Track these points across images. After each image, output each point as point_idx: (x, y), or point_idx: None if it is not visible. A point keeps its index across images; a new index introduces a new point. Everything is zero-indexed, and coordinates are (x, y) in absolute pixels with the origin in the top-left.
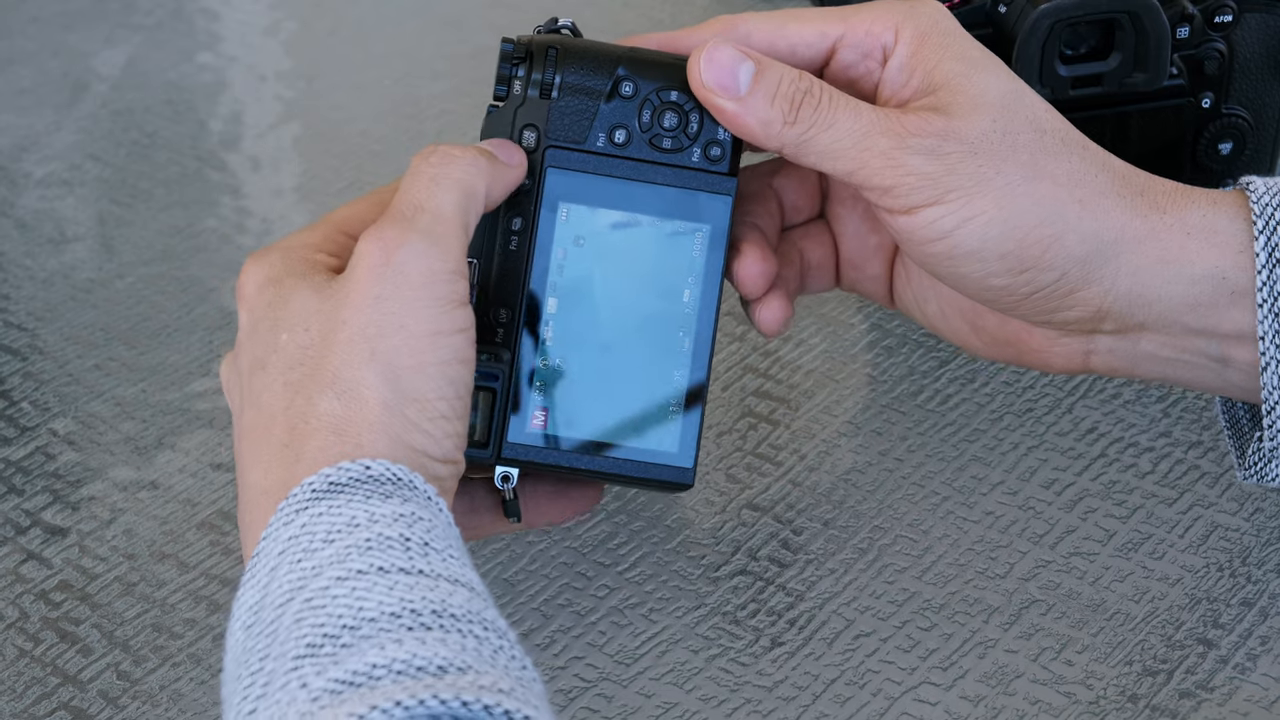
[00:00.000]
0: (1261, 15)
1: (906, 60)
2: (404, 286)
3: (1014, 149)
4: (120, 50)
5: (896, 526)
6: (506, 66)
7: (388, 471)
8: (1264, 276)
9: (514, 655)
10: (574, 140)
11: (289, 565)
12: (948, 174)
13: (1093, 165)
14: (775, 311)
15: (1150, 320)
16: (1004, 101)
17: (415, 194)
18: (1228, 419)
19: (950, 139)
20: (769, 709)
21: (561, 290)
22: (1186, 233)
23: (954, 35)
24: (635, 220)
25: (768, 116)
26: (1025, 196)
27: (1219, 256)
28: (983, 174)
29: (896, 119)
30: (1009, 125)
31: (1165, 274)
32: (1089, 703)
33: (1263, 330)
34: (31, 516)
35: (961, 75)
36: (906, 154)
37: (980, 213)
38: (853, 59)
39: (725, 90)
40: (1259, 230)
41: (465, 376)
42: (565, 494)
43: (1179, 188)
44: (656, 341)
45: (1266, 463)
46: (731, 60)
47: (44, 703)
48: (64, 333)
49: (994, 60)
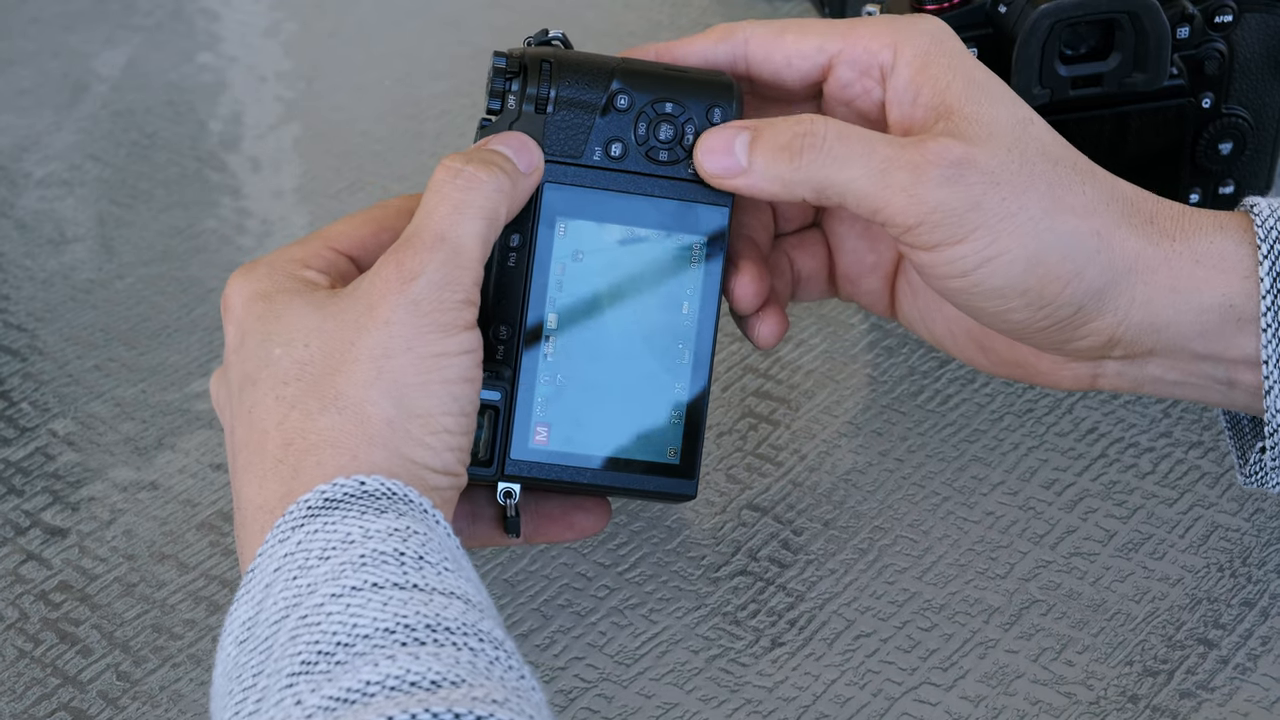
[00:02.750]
0: (1261, 15)
1: (910, 80)
2: (415, 313)
3: (1032, 180)
4: (120, 51)
5: (897, 527)
6: (500, 81)
7: (382, 487)
8: (1268, 301)
9: (511, 666)
10: (570, 155)
11: (284, 582)
12: (971, 210)
13: (1104, 194)
14: (771, 326)
15: (1159, 346)
16: (1016, 131)
17: (438, 221)
18: (1229, 422)
19: (971, 168)
20: (769, 709)
21: (561, 306)
22: (1195, 260)
23: (958, 56)
24: (633, 234)
25: (776, 173)
26: (1048, 232)
27: (1227, 284)
28: (1006, 209)
29: (914, 149)
30: (1024, 154)
31: (1175, 302)
32: (1089, 703)
33: (1266, 354)
34: (31, 517)
35: (973, 101)
36: (928, 188)
37: (1004, 251)
38: (850, 76)
39: (731, 171)
40: (1264, 255)
41: (470, 394)
42: (569, 516)
43: (1184, 212)
44: (656, 354)
45: (1267, 473)
46: (725, 141)
47: (44, 703)
48: (64, 333)
49: (1000, 84)
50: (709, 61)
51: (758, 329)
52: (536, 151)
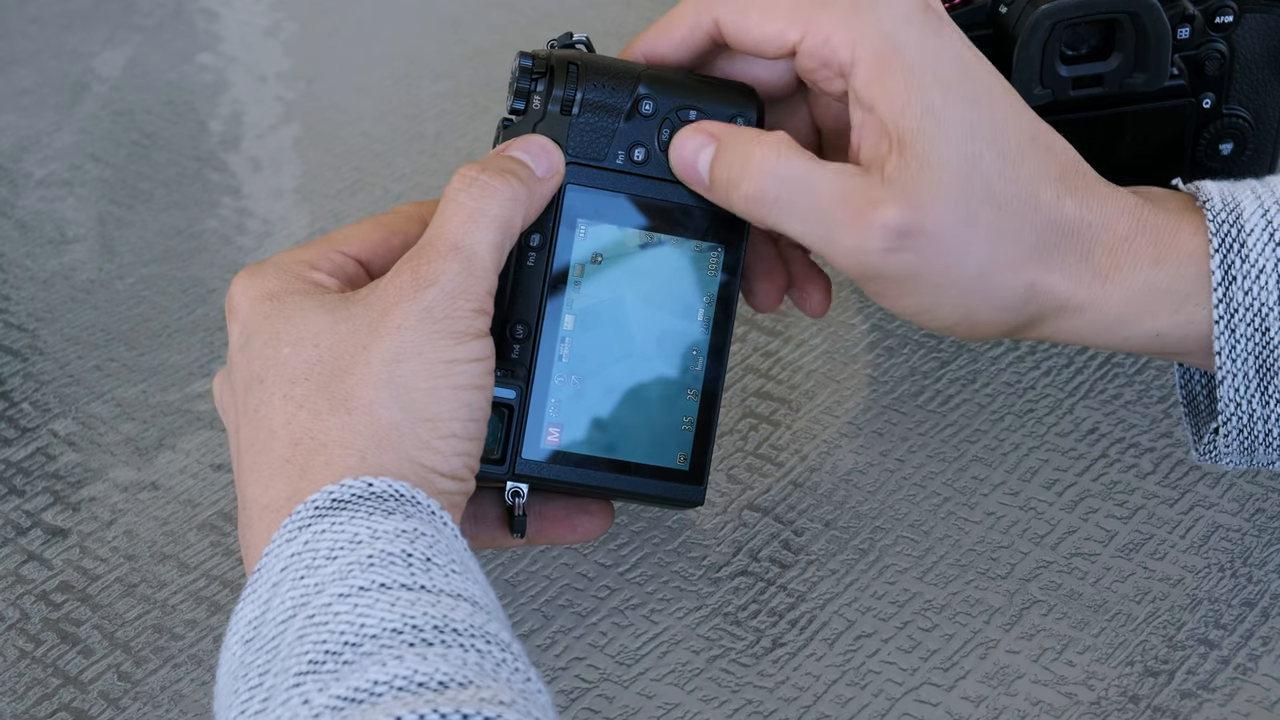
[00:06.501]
0: (1262, 15)
1: (867, 87)
2: (427, 320)
3: (973, 239)
4: (120, 51)
5: (898, 527)
6: (526, 81)
7: (390, 488)
8: (1219, 294)
9: (517, 668)
10: (593, 157)
11: (291, 582)
12: (910, 278)
13: (1043, 233)
14: (818, 295)
15: (1098, 346)
16: (965, 173)
17: (453, 229)
18: (1186, 402)
19: (915, 238)
20: (770, 709)
21: (578, 308)
22: (1125, 301)
23: (916, 64)
24: (652, 239)
25: (729, 201)
26: (981, 293)
27: (1155, 321)
28: (942, 280)
29: (860, 218)
30: (969, 204)
31: (1105, 335)
32: (1090, 703)
33: (1219, 346)
34: (32, 517)
35: (925, 135)
36: (870, 257)
37: (939, 307)
38: (812, 65)
39: (694, 182)
40: (1214, 249)
41: (480, 401)
42: (573, 518)
43: (1131, 236)
44: (671, 359)
45: (1219, 453)
46: (691, 152)
47: (45, 704)
48: (64, 334)
49: (955, 98)
50: (689, 47)
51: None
52: (557, 154)
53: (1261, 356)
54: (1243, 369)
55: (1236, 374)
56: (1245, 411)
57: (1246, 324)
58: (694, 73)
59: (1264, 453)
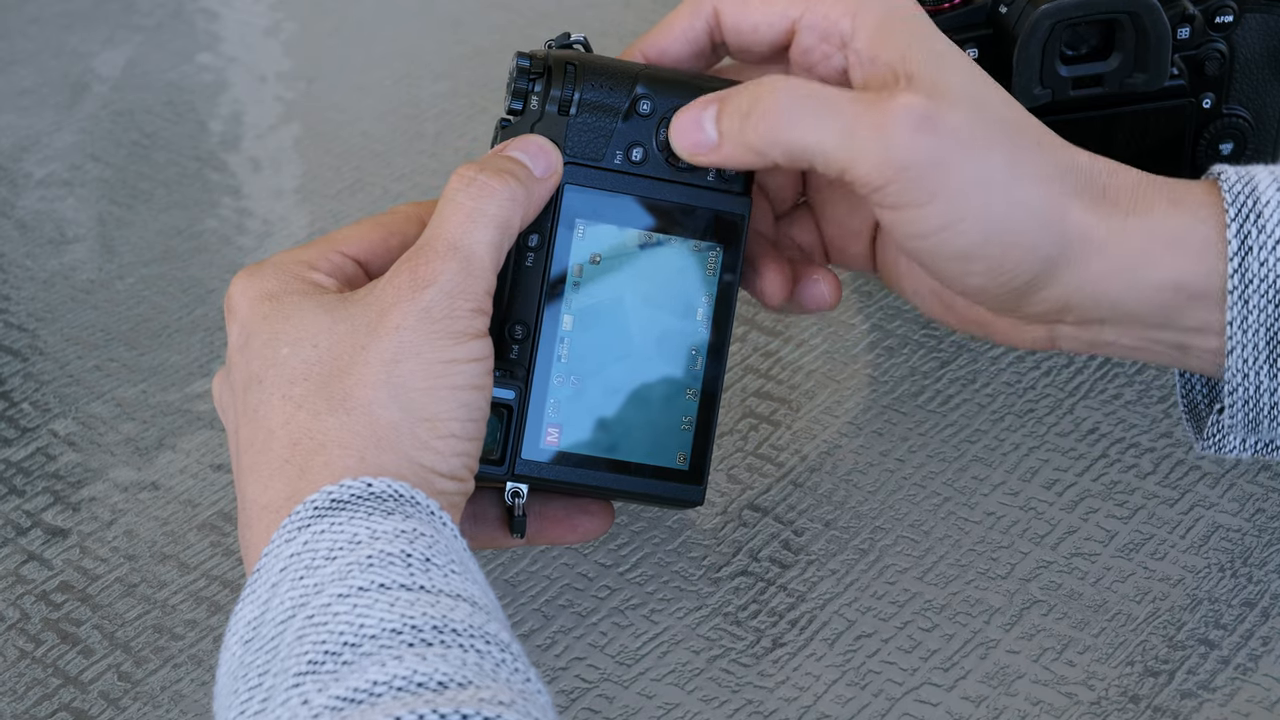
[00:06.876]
0: (1262, 15)
1: (868, 45)
2: (426, 320)
3: (992, 142)
4: (120, 51)
5: (898, 527)
6: (524, 81)
7: (389, 488)
8: (1235, 264)
9: (517, 669)
10: (591, 157)
11: (290, 582)
12: (936, 168)
13: (1059, 163)
14: (827, 286)
15: (1110, 316)
16: (975, 96)
17: (451, 229)
18: (1186, 404)
19: (936, 123)
20: (770, 709)
21: (577, 308)
22: (1146, 238)
23: (916, 23)
24: (651, 239)
25: (744, 141)
26: (1007, 198)
27: (1176, 264)
28: (968, 172)
29: (878, 107)
30: (985, 118)
31: (1124, 279)
32: (1090, 703)
33: (1231, 316)
34: (32, 518)
35: (931, 66)
36: (893, 147)
37: (966, 216)
38: (811, 42)
39: (703, 146)
40: (1230, 219)
41: (479, 402)
42: (573, 518)
43: (1141, 183)
44: (670, 359)
45: (1224, 435)
46: (694, 118)
47: (45, 704)
48: (64, 334)
49: (956, 51)
50: (689, 39)
51: (816, 297)
52: (555, 154)
53: (1273, 329)
54: (1253, 339)
55: (1246, 344)
56: (1252, 383)
57: (1260, 295)
58: (693, 73)
59: (1269, 427)
